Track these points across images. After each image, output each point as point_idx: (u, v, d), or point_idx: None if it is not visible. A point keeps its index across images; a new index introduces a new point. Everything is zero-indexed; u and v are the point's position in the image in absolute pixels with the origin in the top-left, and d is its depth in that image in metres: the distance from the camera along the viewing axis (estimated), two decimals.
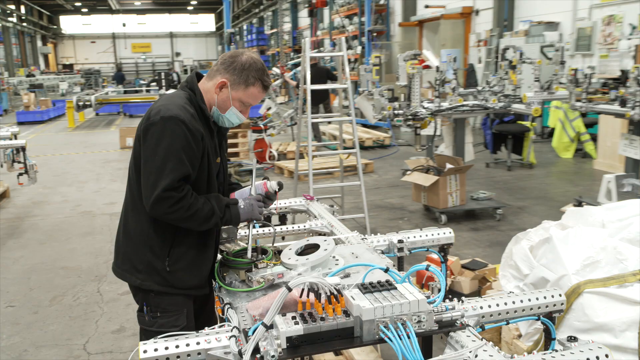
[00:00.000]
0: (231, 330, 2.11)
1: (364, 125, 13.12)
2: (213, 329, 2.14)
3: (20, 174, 6.64)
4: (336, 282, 2.08)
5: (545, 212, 6.89)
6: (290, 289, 2.00)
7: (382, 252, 3.07)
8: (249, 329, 2.10)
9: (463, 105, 6.44)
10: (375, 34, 17.71)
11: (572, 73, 6.75)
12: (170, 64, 47.64)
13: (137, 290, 2.56)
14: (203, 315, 2.80)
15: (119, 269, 2.58)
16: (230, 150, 9.66)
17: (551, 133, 11.64)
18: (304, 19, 29.37)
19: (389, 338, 1.93)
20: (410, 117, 6.08)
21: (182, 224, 2.36)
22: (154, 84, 24.38)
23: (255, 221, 2.59)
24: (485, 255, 5.31)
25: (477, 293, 4.11)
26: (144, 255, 2.45)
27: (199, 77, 2.52)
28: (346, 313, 2.03)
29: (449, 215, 6.62)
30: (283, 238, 4.19)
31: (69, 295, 4.98)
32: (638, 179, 6.39)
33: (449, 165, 6.48)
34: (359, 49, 18.46)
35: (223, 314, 2.42)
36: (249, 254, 2.50)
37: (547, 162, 10.00)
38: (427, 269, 2.28)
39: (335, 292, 2.04)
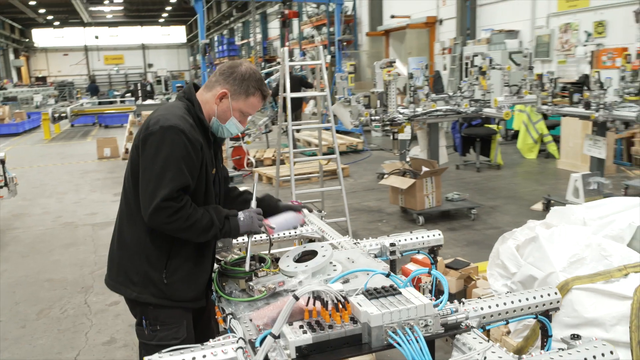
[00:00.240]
0: (237, 342, 2.01)
1: (337, 131, 13.08)
2: (218, 340, 2.04)
3: (0, 187, 6.39)
4: (339, 289, 2.01)
5: (516, 211, 6.94)
6: (297, 298, 1.92)
7: (376, 256, 3.00)
8: (255, 339, 2.01)
9: (437, 110, 6.45)
10: (345, 44, 17.72)
11: (537, 78, 6.84)
12: (143, 75, 46.90)
13: (134, 303, 2.43)
14: (200, 326, 2.68)
15: (113, 282, 2.45)
16: None
17: (515, 135, 11.80)
18: (274, 30, 29.28)
19: (399, 343, 1.86)
20: (388, 122, 6.04)
21: (180, 235, 2.25)
22: (128, 94, 24.04)
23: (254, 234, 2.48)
24: (464, 254, 5.30)
25: (463, 292, 4.08)
26: (140, 267, 2.33)
27: (196, 88, 2.43)
28: (353, 320, 1.96)
29: (426, 217, 6.60)
30: (271, 244, 4.11)
31: (56, 307, 4.78)
32: (603, 177, 6.49)
33: (424, 168, 6.46)
34: (328, 57, 18.45)
35: (225, 324, 2.33)
36: (247, 266, 2.39)
37: (513, 162, 10.11)
38: (429, 273, 2.22)
39: (342, 300, 1.96)
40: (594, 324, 2.68)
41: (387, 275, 2.38)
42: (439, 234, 3.18)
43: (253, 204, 2.52)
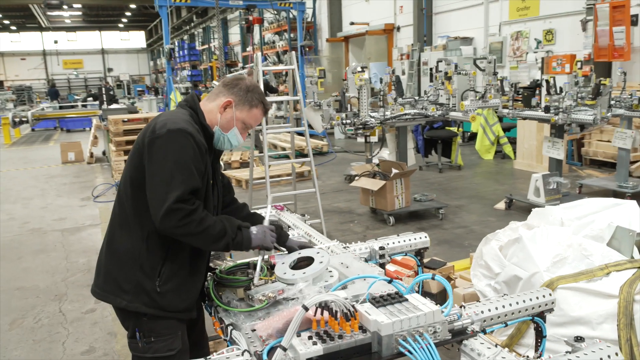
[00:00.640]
0: (242, 354, 1.89)
1: (299, 134, 12.99)
2: (222, 353, 1.91)
3: None
4: (344, 297, 1.92)
5: (481, 210, 7.00)
6: (307, 309, 1.81)
7: (366, 260, 2.92)
8: (261, 351, 1.89)
9: (406, 114, 6.42)
10: (307, 49, 17.64)
11: (499, 83, 6.91)
12: (102, 79, 45.64)
13: (125, 314, 2.25)
14: (193, 336, 2.54)
15: (100, 290, 2.27)
16: None
17: (472, 137, 11.99)
18: (234, 35, 28.93)
19: (410, 352, 1.78)
20: (361, 126, 5.98)
21: (191, 241, 2.12)
22: (90, 99, 23.28)
23: (265, 250, 2.35)
24: (437, 254, 5.27)
25: (444, 292, 4.03)
26: (132, 275, 2.17)
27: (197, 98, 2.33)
28: (362, 329, 1.86)
29: (396, 217, 6.57)
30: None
31: (29, 317, 4.49)
32: (561, 177, 6.61)
33: (394, 170, 6.43)
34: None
35: (224, 335, 2.19)
36: (256, 279, 2.26)
37: (472, 163, 10.23)
38: (433, 279, 2.15)
39: (351, 309, 1.86)
40: (580, 322, 2.67)
41: (390, 282, 2.30)
42: (425, 237, 3.11)
43: (266, 220, 2.44)
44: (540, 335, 2.39)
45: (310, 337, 1.83)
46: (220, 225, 2.11)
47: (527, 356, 1.82)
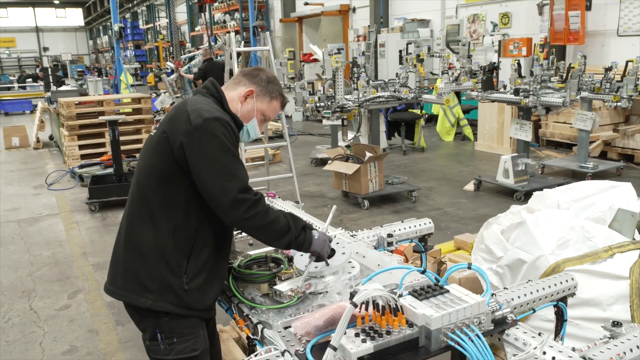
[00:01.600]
0: (282, 355, 1.79)
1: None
2: (260, 355, 1.80)
3: None
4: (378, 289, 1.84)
5: (451, 192, 7.08)
6: (356, 305, 1.72)
7: (375, 248, 2.86)
8: (302, 351, 1.81)
9: (380, 97, 6.38)
10: (259, 30, 17.26)
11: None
12: (38, 59, 43.25)
13: (145, 314, 2.10)
14: (207, 334, 2.41)
15: (120, 290, 2.11)
16: (134, 146, 8.85)
17: (430, 119, 12.12)
18: (181, 14, 27.97)
19: (460, 345, 1.73)
20: (338, 109, 5.88)
21: (257, 234, 2.06)
22: (29, 80, 22.00)
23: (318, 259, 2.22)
24: None
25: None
26: (157, 272, 2.03)
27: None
28: (408, 323, 1.80)
29: (370, 200, 6.55)
30: (251, 244, 3.82)
31: None
32: (529, 159, 6.77)
33: (368, 154, 6.39)
34: (242, 44, 17.91)
35: (252, 333, 2.08)
36: (301, 283, 2.14)
37: (433, 145, 10.35)
38: (469, 268, 2.10)
39: (398, 303, 1.80)
40: (591, 304, 2.71)
41: (423, 272, 2.25)
42: (430, 222, 3.09)
43: (326, 229, 2.38)
44: (560, 320, 2.41)
45: (357, 335, 1.75)
46: (284, 221, 2.03)
47: (573, 347, 1.80)
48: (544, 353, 1.78)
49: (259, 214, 1.95)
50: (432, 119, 12.00)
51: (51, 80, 11.24)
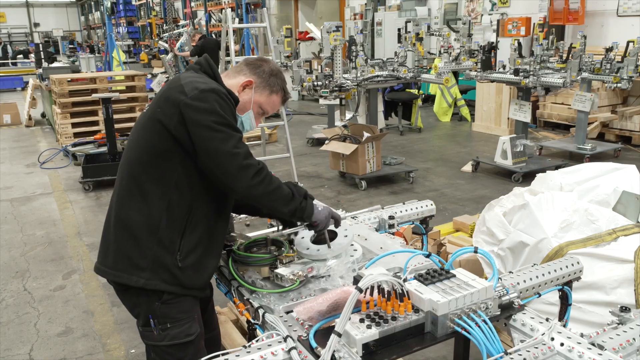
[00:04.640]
0: (284, 340, 1.74)
1: None
2: (262, 341, 1.76)
3: None
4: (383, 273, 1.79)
5: (449, 173, 7.04)
6: (361, 290, 1.67)
7: (376, 230, 2.81)
8: (305, 337, 1.76)
9: (378, 76, 6.28)
10: (253, 7, 17.00)
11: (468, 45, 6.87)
12: (28, 35, 42.60)
13: (137, 295, 2.04)
14: (204, 318, 2.36)
15: (111, 270, 2.05)
16: (127, 124, 8.72)
17: (427, 99, 12.02)
18: None
19: (467, 330, 1.69)
20: (336, 88, 5.79)
21: (267, 201, 1.99)
22: (20, 56, 21.66)
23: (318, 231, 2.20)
24: None
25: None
26: (149, 250, 1.98)
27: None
28: (414, 309, 1.76)
29: (367, 181, 6.50)
30: (247, 225, 3.77)
31: None
32: (527, 140, 6.72)
33: (366, 134, 6.31)
34: (236, 21, 17.65)
35: (252, 318, 2.03)
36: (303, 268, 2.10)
37: (430, 126, 10.27)
38: (475, 252, 2.05)
39: (404, 288, 1.75)
40: (594, 287, 2.68)
41: (428, 256, 2.20)
42: (431, 204, 3.03)
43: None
44: (565, 303, 2.38)
45: (362, 320, 1.70)
46: (286, 189, 2.02)
47: (582, 333, 1.76)
48: (552, 339, 1.74)
49: (265, 180, 1.92)
50: (429, 99, 11.90)
51: (42, 57, 11.02)
